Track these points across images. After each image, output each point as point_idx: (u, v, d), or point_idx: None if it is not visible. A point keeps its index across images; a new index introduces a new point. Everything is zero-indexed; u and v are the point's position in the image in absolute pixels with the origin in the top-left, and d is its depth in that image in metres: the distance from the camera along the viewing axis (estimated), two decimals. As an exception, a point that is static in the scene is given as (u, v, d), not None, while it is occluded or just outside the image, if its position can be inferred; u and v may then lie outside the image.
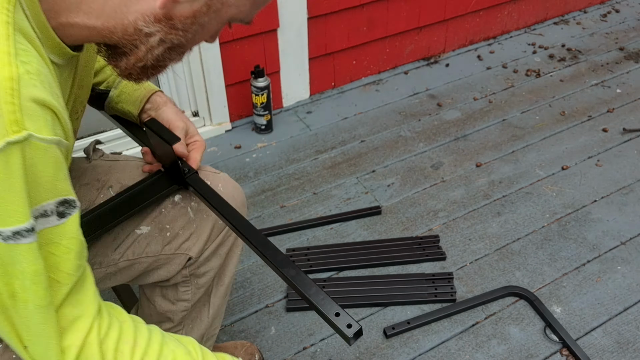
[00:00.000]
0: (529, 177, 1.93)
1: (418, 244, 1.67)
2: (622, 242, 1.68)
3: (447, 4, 2.43)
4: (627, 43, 2.68)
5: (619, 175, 1.92)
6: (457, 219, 1.77)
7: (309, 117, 2.24)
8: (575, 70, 2.50)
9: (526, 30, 2.79)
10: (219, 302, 1.15)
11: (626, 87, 2.37)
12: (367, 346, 1.42)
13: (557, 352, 1.39)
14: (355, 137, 2.13)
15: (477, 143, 2.09)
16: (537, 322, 1.47)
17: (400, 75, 2.48)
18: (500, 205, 1.82)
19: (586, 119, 2.20)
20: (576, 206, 1.81)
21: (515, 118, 2.22)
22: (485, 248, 1.67)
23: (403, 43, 2.46)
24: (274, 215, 1.79)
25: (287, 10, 2.04)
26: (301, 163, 2.01)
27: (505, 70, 2.51)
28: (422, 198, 1.85)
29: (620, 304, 1.50)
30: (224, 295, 1.16)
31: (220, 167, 2.00)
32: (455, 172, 1.95)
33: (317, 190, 1.89)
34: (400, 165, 1.99)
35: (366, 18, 2.25)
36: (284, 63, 2.18)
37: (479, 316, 1.49)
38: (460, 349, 1.41)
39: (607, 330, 1.44)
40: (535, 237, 1.71)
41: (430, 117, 2.23)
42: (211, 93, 2.07)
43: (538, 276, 1.58)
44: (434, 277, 1.56)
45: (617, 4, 3.00)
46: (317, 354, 1.40)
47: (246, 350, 1.35)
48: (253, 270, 1.62)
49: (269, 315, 1.50)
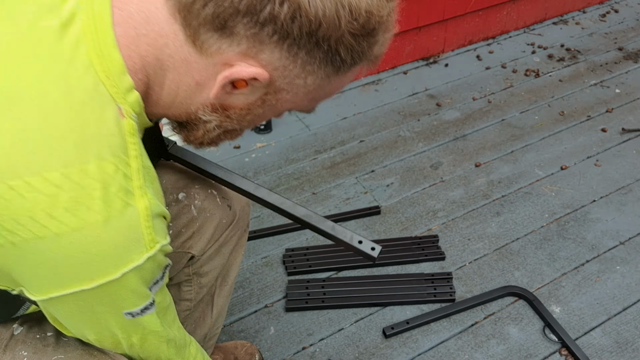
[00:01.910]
0: (528, 177, 1.93)
1: (417, 244, 1.67)
2: (621, 242, 1.68)
3: (446, 4, 2.43)
4: (626, 43, 2.68)
5: (618, 175, 1.93)
6: (456, 219, 1.77)
7: (308, 117, 2.24)
8: (574, 70, 2.50)
9: (525, 30, 2.79)
10: (222, 302, 1.15)
11: (625, 87, 2.38)
12: (366, 346, 1.42)
13: (556, 352, 1.40)
14: (354, 137, 2.13)
15: (476, 143, 2.09)
16: (536, 322, 1.47)
17: (399, 75, 2.48)
18: (499, 205, 1.82)
19: (585, 118, 2.20)
20: (575, 206, 1.81)
21: (515, 118, 2.22)
22: (485, 248, 1.67)
23: (402, 43, 2.45)
24: (273, 215, 1.79)
25: (286, 10, 2.04)
26: (300, 163, 2.01)
27: (505, 70, 2.51)
28: (421, 198, 1.85)
29: (620, 304, 1.50)
30: (228, 295, 1.16)
31: (220, 167, 2.00)
32: (454, 172, 1.96)
33: (316, 190, 1.89)
34: (400, 165, 1.99)
35: (365, 18, 2.25)
36: (283, 63, 2.17)
37: (478, 316, 1.49)
38: (460, 349, 1.41)
39: (606, 330, 1.44)
40: (535, 237, 1.71)
41: (430, 117, 2.23)
42: (210, 93, 2.07)
43: (537, 276, 1.59)
44: (433, 277, 1.56)
45: (616, 4, 3.00)
46: (316, 354, 1.40)
47: (246, 350, 1.35)
48: (252, 270, 1.62)
49: (268, 315, 1.50)
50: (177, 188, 1.00)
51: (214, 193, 1.02)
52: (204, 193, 1.01)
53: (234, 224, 1.06)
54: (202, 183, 1.02)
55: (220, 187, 1.03)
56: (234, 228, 1.06)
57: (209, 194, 1.01)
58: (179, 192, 1.00)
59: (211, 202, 1.01)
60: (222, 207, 1.02)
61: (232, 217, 1.05)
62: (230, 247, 1.08)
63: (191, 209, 1.00)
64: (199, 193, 1.00)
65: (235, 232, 1.07)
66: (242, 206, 1.08)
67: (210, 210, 1.01)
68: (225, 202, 1.03)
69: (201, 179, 1.02)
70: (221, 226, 1.03)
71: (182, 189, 1.00)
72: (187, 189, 1.00)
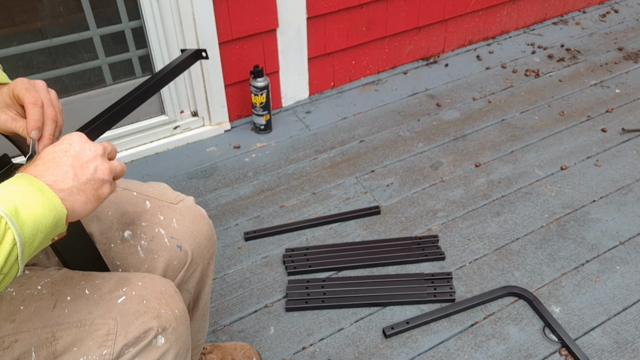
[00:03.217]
0: (528, 177, 1.93)
1: (417, 244, 1.67)
2: (621, 242, 1.68)
3: (446, 4, 2.43)
4: (626, 43, 2.68)
5: (618, 175, 1.93)
6: (456, 219, 1.77)
7: (308, 117, 2.24)
8: (574, 71, 2.50)
9: (525, 31, 2.79)
10: (196, 324, 1.12)
11: (625, 87, 2.38)
12: (366, 346, 1.42)
13: (556, 352, 1.40)
14: (354, 137, 2.13)
15: (476, 143, 2.09)
16: (536, 322, 1.47)
17: (399, 75, 2.48)
18: (499, 205, 1.82)
19: (585, 119, 2.20)
20: (575, 206, 1.81)
21: (515, 118, 2.22)
22: (485, 248, 1.67)
23: (402, 43, 2.46)
24: (273, 215, 1.79)
25: (286, 10, 2.04)
26: (300, 163, 2.01)
27: (505, 70, 2.51)
28: (421, 198, 1.85)
29: (619, 304, 1.50)
30: (202, 316, 1.12)
31: (220, 167, 2.00)
32: (454, 172, 1.96)
33: (316, 190, 1.89)
34: (400, 165, 1.99)
35: (365, 18, 2.25)
36: (283, 63, 2.18)
37: (478, 316, 1.49)
38: (460, 349, 1.41)
39: (606, 330, 1.44)
40: (534, 237, 1.71)
41: (430, 117, 2.23)
42: (210, 93, 2.07)
43: (537, 276, 1.59)
44: (433, 277, 1.56)
45: (616, 4, 3.01)
46: (316, 354, 1.40)
47: (244, 352, 1.34)
48: (252, 270, 1.62)
49: (268, 315, 1.50)
50: (123, 224, 0.95)
51: (162, 232, 0.95)
52: (151, 232, 0.95)
53: (189, 264, 0.98)
54: (149, 220, 0.95)
55: (169, 225, 0.96)
56: (190, 267, 0.99)
57: (157, 234, 0.95)
58: (124, 230, 0.95)
59: (158, 243, 0.95)
60: (170, 248, 0.95)
61: (184, 258, 0.97)
62: (193, 283, 1.03)
63: (137, 250, 0.95)
64: (145, 232, 0.95)
65: (195, 269, 1.01)
66: (198, 243, 0.99)
67: (157, 252, 0.95)
68: (174, 242, 0.96)
69: (149, 214, 0.96)
70: (172, 268, 0.96)
71: (128, 226, 0.95)
72: (134, 226, 0.95)
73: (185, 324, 0.85)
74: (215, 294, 1.55)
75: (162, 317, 0.81)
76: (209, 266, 1.06)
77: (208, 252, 1.03)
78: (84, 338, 0.77)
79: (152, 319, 0.79)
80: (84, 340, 0.77)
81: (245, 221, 1.78)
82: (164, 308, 0.82)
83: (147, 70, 2.00)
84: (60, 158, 0.69)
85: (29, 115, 0.78)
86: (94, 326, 0.78)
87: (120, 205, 0.96)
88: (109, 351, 0.77)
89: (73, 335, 0.77)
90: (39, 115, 0.78)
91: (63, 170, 0.67)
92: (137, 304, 0.80)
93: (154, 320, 0.79)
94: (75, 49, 1.84)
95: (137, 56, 1.95)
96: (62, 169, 0.68)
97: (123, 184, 1.00)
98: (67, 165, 0.68)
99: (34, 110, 0.78)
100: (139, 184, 1.02)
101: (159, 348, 0.80)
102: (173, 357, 0.82)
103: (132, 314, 0.79)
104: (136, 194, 0.99)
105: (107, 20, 1.84)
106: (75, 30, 1.81)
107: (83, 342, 0.77)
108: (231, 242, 1.71)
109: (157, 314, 0.80)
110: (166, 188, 1.03)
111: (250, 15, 1.97)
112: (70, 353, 0.77)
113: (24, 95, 0.79)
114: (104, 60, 1.91)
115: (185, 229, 0.97)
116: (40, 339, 0.77)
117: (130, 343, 0.78)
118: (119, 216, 0.95)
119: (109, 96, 1.95)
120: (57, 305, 0.79)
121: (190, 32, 1.90)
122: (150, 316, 0.80)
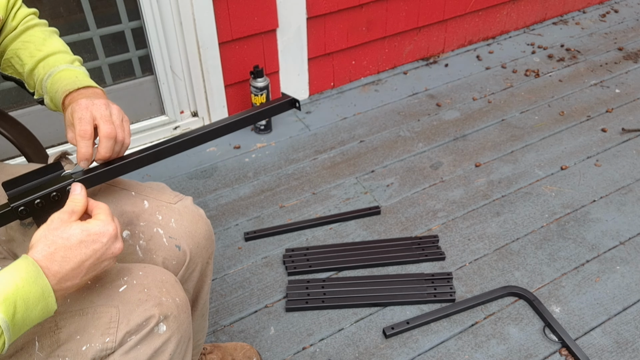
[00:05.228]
0: (528, 177, 1.93)
1: (417, 244, 1.67)
2: (621, 242, 1.68)
3: (446, 4, 2.43)
4: (626, 43, 2.68)
5: (618, 175, 1.93)
6: (456, 219, 1.77)
7: (308, 117, 2.24)
8: (574, 71, 2.50)
9: (525, 31, 2.79)
10: (196, 324, 1.12)
11: (625, 87, 2.38)
12: (366, 346, 1.42)
13: (557, 352, 1.39)
14: (354, 137, 2.13)
15: (476, 143, 2.09)
16: (536, 322, 1.47)
17: (399, 75, 2.49)
18: (499, 205, 1.82)
19: (585, 119, 2.20)
20: (575, 206, 1.81)
21: (515, 118, 2.22)
22: (485, 248, 1.67)
23: (402, 43, 2.46)
24: (273, 215, 1.79)
25: (286, 11, 2.04)
26: (300, 163, 2.01)
27: (505, 70, 2.51)
28: (422, 198, 1.85)
29: (620, 304, 1.50)
30: (201, 316, 1.12)
31: (220, 167, 2.00)
32: (454, 172, 1.96)
33: (316, 191, 1.89)
34: (400, 165, 1.99)
35: (365, 18, 2.25)
36: (283, 63, 2.18)
37: (478, 316, 1.49)
38: (460, 349, 1.41)
39: (606, 330, 1.44)
40: (535, 237, 1.71)
41: (430, 117, 2.23)
42: (210, 93, 2.07)
43: (537, 276, 1.59)
44: (433, 277, 1.56)
45: (616, 4, 3.01)
46: (316, 354, 1.40)
47: (245, 353, 1.34)
48: (252, 270, 1.62)
49: (268, 316, 1.50)
50: (121, 224, 0.94)
51: (160, 232, 0.96)
52: (149, 232, 0.95)
53: (188, 264, 0.99)
54: (147, 220, 0.96)
55: (167, 225, 0.96)
56: (188, 267, 0.99)
57: (155, 233, 0.95)
58: (123, 229, 0.95)
59: (156, 243, 0.95)
60: (168, 248, 0.96)
61: (183, 258, 0.97)
62: (192, 283, 1.03)
63: (136, 250, 0.95)
64: (144, 232, 0.95)
65: (193, 269, 1.01)
66: (197, 242, 1.00)
67: (156, 252, 0.95)
68: (172, 242, 0.96)
69: (147, 214, 0.96)
70: (171, 267, 0.97)
71: (127, 226, 0.95)
72: (132, 226, 0.95)
73: (186, 312, 0.86)
74: (216, 294, 1.55)
75: (164, 305, 0.81)
76: (207, 266, 1.06)
77: (207, 252, 1.03)
78: (87, 326, 0.78)
79: (153, 307, 0.80)
80: (86, 328, 0.78)
81: (245, 221, 1.78)
82: (165, 296, 0.82)
83: (147, 71, 2.00)
84: (84, 252, 0.71)
85: (77, 147, 0.85)
86: (96, 314, 0.79)
87: (119, 205, 0.96)
88: (111, 339, 0.77)
89: (76, 323, 0.78)
90: (85, 148, 0.85)
91: (77, 270, 0.70)
92: (138, 293, 0.81)
93: (155, 308, 0.80)
94: (75, 49, 1.84)
95: (137, 56, 1.95)
96: (78, 268, 0.71)
97: (122, 184, 1.00)
98: (84, 266, 0.71)
99: (82, 143, 0.85)
100: (137, 184, 1.02)
101: (160, 335, 0.81)
102: (175, 345, 0.83)
103: (134, 302, 0.80)
104: (134, 193, 0.99)
105: (107, 20, 1.84)
106: (75, 31, 1.81)
107: (86, 330, 0.78)
108: (231, 243, 1.71)
109: (158, 302, 0.81)
110: (165, 188, 1.03)
111: (250, 15, 1.97)
112: (73, 341, 0.78)
113: (75, 126, 0.86)
114: (104, 61, 1.91)
115: (183, 229, 0.97)
116: (44, 327, 0.78)
117: (132, 330, 0.78)
118: (117, 216, 0.95)
119: (109, 96, 1.94)
120: None
121: (190, 32, 1.90)
122: (152, 304, 0.80)
